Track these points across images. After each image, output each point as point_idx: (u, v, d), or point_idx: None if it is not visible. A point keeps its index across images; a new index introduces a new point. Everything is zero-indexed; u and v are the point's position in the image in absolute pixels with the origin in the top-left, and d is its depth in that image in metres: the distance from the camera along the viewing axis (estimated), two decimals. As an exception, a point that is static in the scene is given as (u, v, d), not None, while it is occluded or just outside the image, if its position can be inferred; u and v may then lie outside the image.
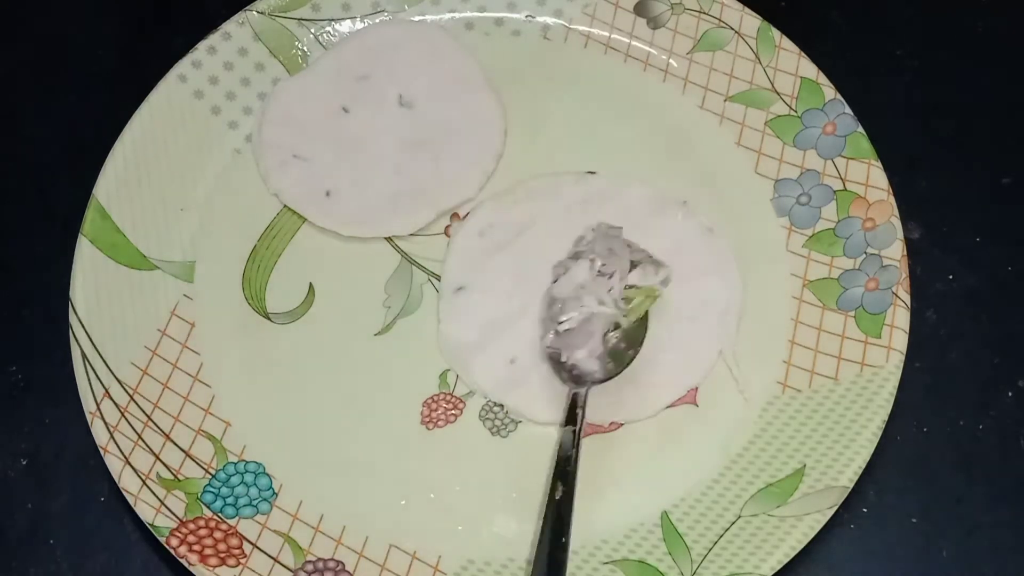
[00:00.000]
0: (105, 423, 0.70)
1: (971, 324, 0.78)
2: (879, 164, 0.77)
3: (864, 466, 0.69)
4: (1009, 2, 0.90)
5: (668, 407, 0.74)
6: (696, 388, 0.74)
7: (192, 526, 0.68)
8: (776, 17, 0.82)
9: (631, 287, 0.73)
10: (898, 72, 0.87)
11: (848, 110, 0.79)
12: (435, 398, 0.74)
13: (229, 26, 0.82)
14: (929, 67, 0.87)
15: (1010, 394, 0.76)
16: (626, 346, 0.72)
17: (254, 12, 0.83)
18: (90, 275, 0.74)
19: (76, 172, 0.79)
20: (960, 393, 0.76)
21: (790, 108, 0.80)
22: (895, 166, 0.79)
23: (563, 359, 0.72)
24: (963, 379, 0.77)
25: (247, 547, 0.69)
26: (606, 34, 0.84)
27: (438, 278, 0.77)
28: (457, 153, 0.81)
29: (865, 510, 0.73)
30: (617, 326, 0.72)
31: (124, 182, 0.77)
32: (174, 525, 0.68)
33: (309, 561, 0.69)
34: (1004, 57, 0.88)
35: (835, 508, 0.68)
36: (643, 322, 0.73)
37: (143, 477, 0.69)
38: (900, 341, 0.72)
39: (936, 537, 0.72)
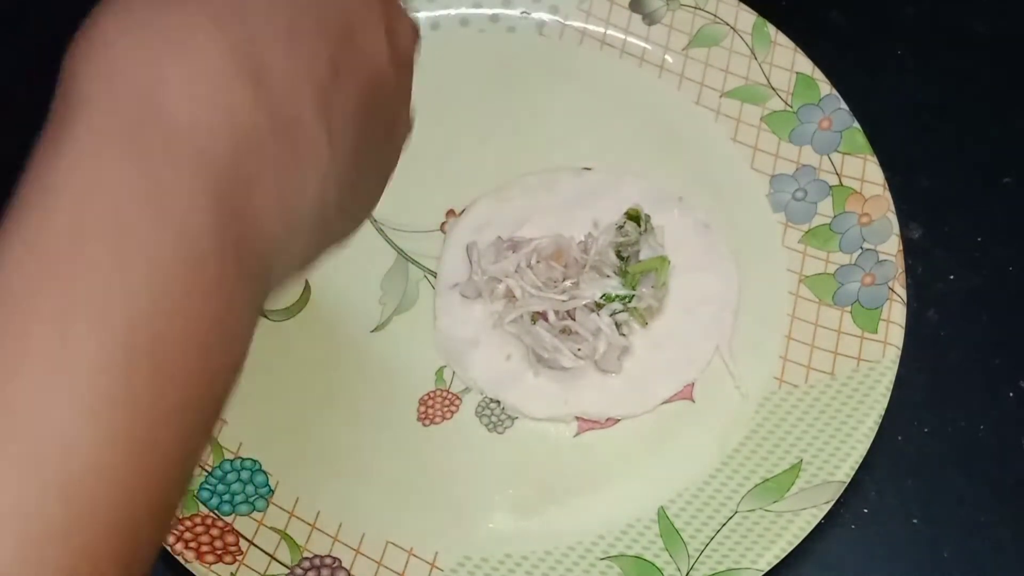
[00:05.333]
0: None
1: (972, 324, 0.78)
2: (875, 159, 0.77)
3: (861, 460, 0.69)
4: (1009, 2, 0.89)
5: (664, 403, 0.74)
6: (692, 384, 0.74)
7: (188, 523, 0.68)
8: (776, 16, 0.82)
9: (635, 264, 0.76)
10: (898, 72, 0.87)
11: (844, 105, 0.79)
12: (431, 395, 0.74)
13: (224, 23, 0.82)
14: (929, 67, 0.87)
15: (1011, 394, 0.76)
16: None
17: (249, 10, 0.82)
18: (86, 273, 0.74)
19: (75, 172, 0.79)
20: (961, 393, 0.76)
21: (786, 104, 0.80)
22: (895, 166, 0.79)
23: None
24: (964, 379, 0.76)
25: (243, 544, 0.68)
26: (601, 30, 0.85)
27: (434, 275, 0.77)
28: None
29: (866, 510, 0.72)
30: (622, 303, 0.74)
31: (119, 179, 0.77)
32: (170, 522, 0.68)
33: (306, 558, 0.69)
34: (1004, 57, 0.88)
35: (832, 503, 0.68)
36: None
37: (139, 474, 0.69)
38: (896, 336, 0.72)
39: (937, 537, 0.72)
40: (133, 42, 0.42)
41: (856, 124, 0.78)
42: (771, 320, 0.75)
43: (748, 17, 0.82)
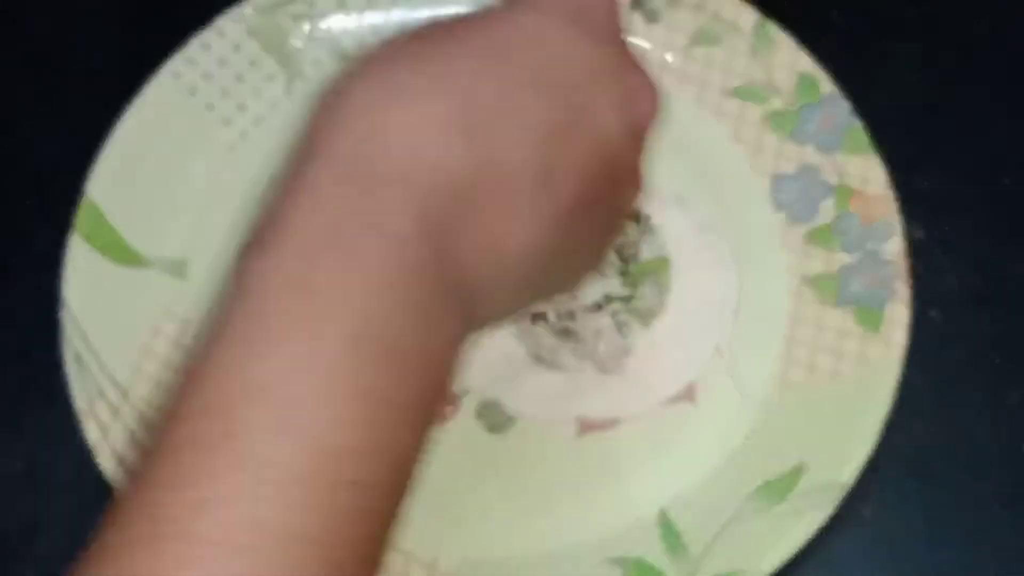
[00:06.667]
0: (98, 422, 0.70)
1: (974, 325, 0.78)
2: (877, 159, 0.77)
3: (864, 463, 0.69)
4: (1010, 2, 0.89)
5: (665, 404, 0.73)
6: (693, 384, 0.74)
7: (188, 524, 0.68)
8: (777, 15, 0.82)
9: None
10: (898, 72, 0.87)
11: (846, 104, 0.79)
12: (431, 395, 0.74)
13: (223, 22, 0.82)
14: (930, 67, 0.87)
15: (1013, 394, 0.76)
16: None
17: (248, 8, 0.83)
18: (83, 273, 0.74)
19: (75, 172, 0.78)
20: (963, 394, 0.76)
21: (787, 103, 0.80)
22: (897, 166, 0.78)
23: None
24: (966, 380, 0.76)
25: (242, 545, 0.68)
26: (602, 29, 0.84)
27: (434, 275, 0.77)
28: None
29: (867, 511, 0.72)
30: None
31: (117, 179, 0.77)
32: (168, 523, 0.68)
33: (305, 559, 0.68)
34: (1004, 57, 0.87)
35: (835, 505, 0.67)
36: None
37: (138, 476, 0.69)
38: (899, 336, 0.72)
39: (937, 537, 0.72)
40: (367, 95, 0.49)
41: (858, 123, 0.78)
42: (772, 321, 0.75)
43: (749, 16, 0.82)
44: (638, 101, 0.56)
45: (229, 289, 0.48)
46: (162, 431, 0.44)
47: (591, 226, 0.56)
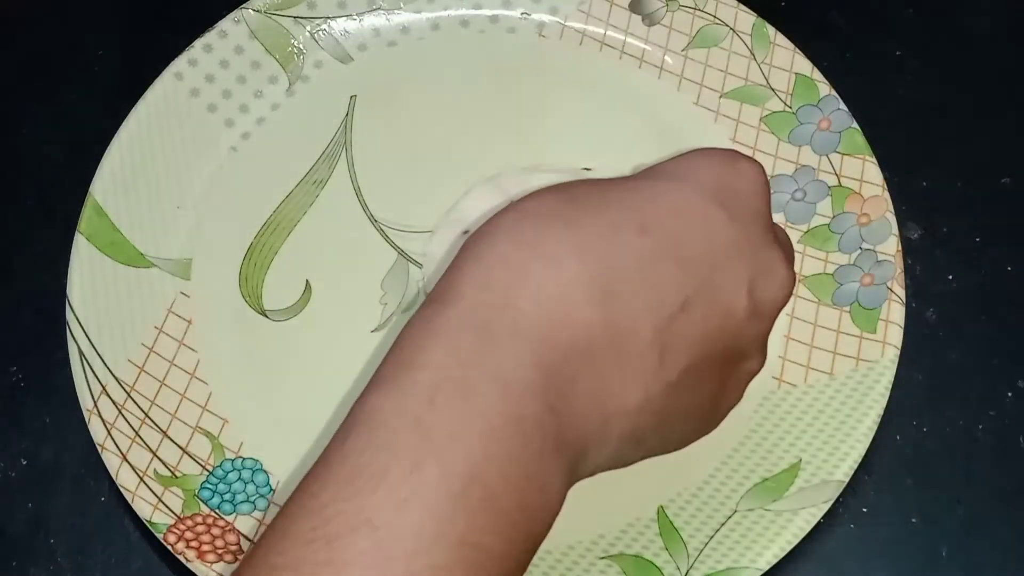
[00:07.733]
0: (102, 420, 0.70)
1: (971, 324, 0.78)
2: (874, 160, 0.77)
3: (860, 460, 0.69)
4: (1009, 2, 0.89)
5: (664, 402, 0.73)
6: (692, 384, 0.74)
7: (189, 522, 0.68)
8: (775, 17, 0.82)
9: None
10: (898, 72, 0.87)
11: (843, 106, 0.79)
12: (432, 394, 0.74)
13: (225, 24, 0.82)
14: (929, 67, 0.87)
15: (1010, 394, 0.76)
16: None
17: (250, 10, 0.83)
18: (87, 273, 0.75)
19: (76, 172, 0.79)
20: (960, 393, 0.76)
21: (785, 104, 0.80)
22: (895, 166, 0.79)
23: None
24: (963, 379, 0.77)
25: (244, 543, 0.68)
26: (601, 31, 0.84)
27: (436, 275, 0.77)
28: None
29: (865, 510, 0.73)
30: None
31: (121, 180, 0.78)
32: (171, 522, 0.68)
33: (306, 557, 0.68)
34: (1004, 57, 0.88)
35: (831, 502, 0.68)
36: None
37: (140, 474, 0.69)
38: (895, 336, 0.72)
39: (936, 537, 0.72)
40: (507, 249, 0.52)
41: (855, 125, 0.78)
42: (770, 320, 0.75)
43: (747, 18, 0.82)
44: (769, 283, 0.57)
45: (347, 417, 0.50)
46: (266, 547, 0.47)
47: (705, 393, 0.58)
